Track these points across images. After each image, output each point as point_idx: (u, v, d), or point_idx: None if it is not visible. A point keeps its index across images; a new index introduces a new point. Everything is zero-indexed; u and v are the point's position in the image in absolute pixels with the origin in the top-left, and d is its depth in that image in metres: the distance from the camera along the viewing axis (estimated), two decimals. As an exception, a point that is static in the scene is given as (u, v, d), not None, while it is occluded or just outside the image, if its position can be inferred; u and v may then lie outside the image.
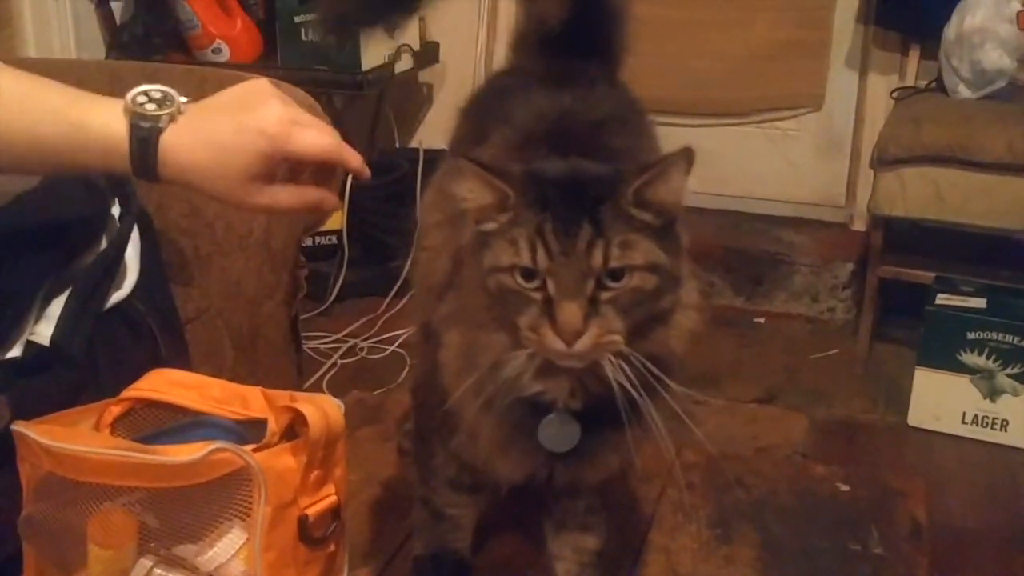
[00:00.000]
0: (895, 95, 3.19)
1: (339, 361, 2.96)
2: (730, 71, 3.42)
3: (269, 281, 1.91)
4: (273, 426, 1.07)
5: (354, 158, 1.12)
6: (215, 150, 1.05)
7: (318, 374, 2.88)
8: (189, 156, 1.06)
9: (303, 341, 2.06)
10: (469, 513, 1.28)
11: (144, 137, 1.06)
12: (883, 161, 2.86)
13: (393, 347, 2.95)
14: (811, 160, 3.49)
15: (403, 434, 1.44)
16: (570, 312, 0.95)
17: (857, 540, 1.32)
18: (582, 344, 0.96)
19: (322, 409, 1.08)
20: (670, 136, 1.20)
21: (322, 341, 3.02)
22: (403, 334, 2.96)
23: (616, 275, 0.98)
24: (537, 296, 0.98)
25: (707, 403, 2.73)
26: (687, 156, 1.02)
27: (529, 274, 0.98)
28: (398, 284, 3.12)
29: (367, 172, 1.14)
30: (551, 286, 0.97)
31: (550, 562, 1.23)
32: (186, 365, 1.61)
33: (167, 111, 1.07)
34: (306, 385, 2.53)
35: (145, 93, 1.09)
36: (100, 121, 1.08)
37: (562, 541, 1.22)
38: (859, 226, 3.39)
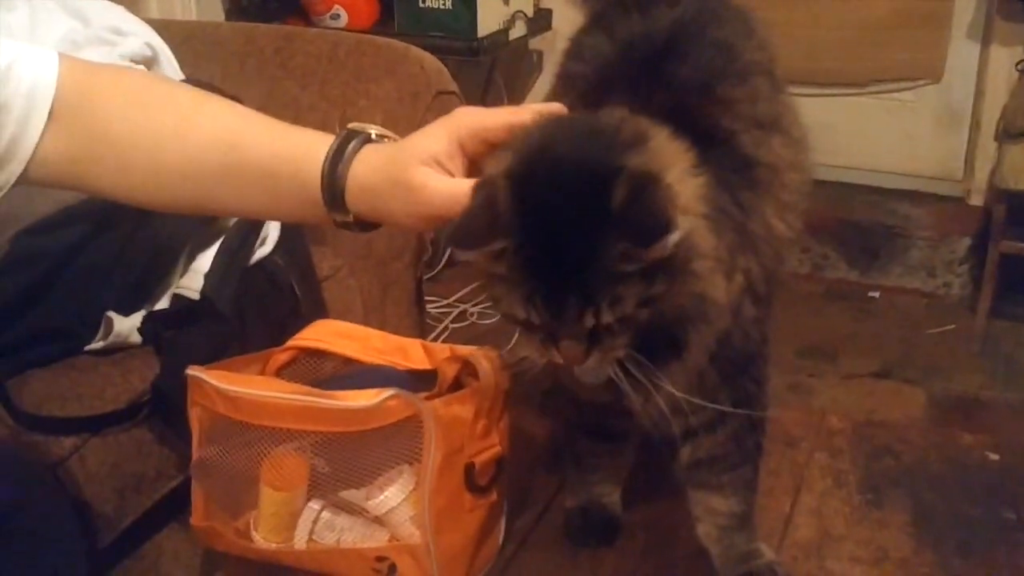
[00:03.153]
0: (1020, 67, 3.11)
1: (451, 326, 2.99)
2: (848, 41, 3.36)
3: (398, 243, 1.93)
4: (444, 375, 1.09)
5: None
6: (408, 140, 1.01)
7: (430, 337, 2.91)
8: (376, 157, 1.00)
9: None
10: (609, 464, 1.29)
11: (352, 140, 1.01)
12: (1009, 134, 2.79)
13: (501, 313, 2.96)
14: (929, 132, 3.42)
15: (543, 392, 1.45)
16: (569, 348, 0.97)
17: (1011, 508, 1.30)
18: (587, 366, 0.98)
19: (491, 361, 1.10)
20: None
21: (433, 306, 3.04)
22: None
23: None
24: (540, 334, 0.98)
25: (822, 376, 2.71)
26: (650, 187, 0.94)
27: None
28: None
29: None
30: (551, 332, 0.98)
31: (694, 523, 1.23)
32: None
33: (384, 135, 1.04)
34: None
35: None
36: (301, 133, 1.05)
37: (694, 500, 1.21)
38: (976, 200, 3.32)
